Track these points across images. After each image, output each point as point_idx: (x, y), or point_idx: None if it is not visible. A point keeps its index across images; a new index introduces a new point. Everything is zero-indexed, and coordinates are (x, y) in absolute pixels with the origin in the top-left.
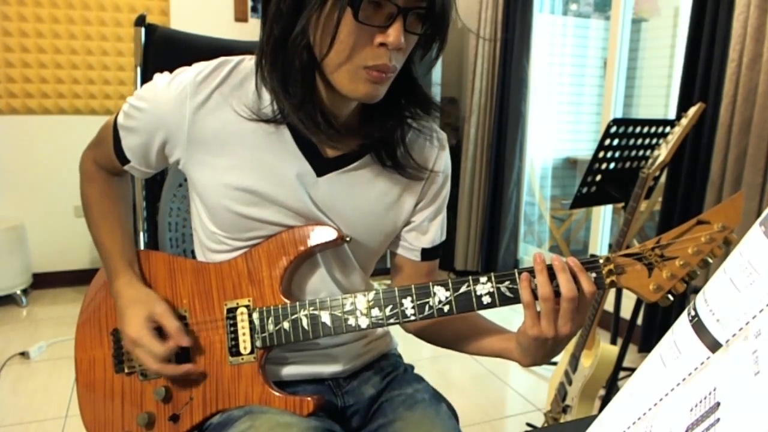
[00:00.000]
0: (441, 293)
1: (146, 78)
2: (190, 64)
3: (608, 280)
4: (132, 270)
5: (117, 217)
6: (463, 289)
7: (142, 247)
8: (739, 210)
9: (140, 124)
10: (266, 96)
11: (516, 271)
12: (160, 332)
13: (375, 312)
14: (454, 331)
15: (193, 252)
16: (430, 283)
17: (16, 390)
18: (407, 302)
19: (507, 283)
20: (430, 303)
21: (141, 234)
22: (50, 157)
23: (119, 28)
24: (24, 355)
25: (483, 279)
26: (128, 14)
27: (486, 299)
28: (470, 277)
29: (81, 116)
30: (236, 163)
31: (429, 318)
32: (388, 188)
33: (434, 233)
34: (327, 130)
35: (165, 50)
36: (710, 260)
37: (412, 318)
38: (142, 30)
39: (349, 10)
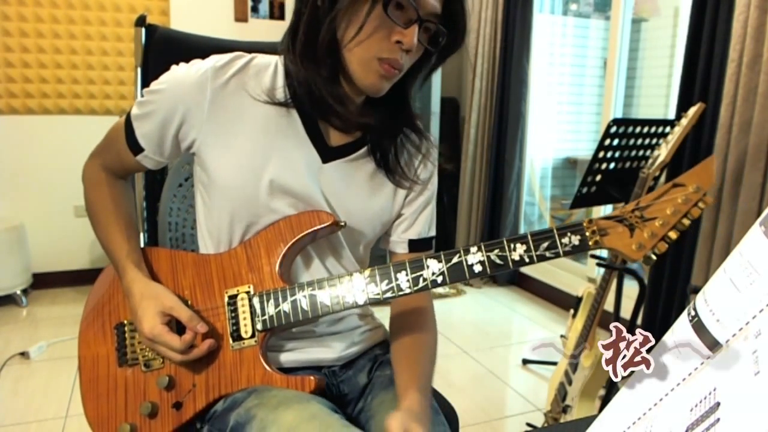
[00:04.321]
0: (434, 265)
1: (146, 78)
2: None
3: (592, 241)
4: (138, 268)
5: (124, 220)
6: (455, 259)
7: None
8: (711, 172)
9: (159, 106)
10: (280, 82)
11: (504, 240)
12: (175, 324)
13: (371, 288)
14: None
15: (193, 252)
16: (423, 256)
17: (16, 390)
18: (401, 276)
19: (497, 251)
20: (424, 275)
21: (141, 234)
22: (50, 157)
23: (119, 28)
24: (24, 355)
25: (473, 249)
26: (128, 14)
27: (477, 267)
28: (461, 248)
29: (81, 116)
30: (249, 144)
31: (424, 290)
32: (383, 182)
33: (421, 225)
34: (349, 106)
35: (165, 50)
36: (687, 221)
37: (407, 291)
38: (143, 30)
39: (380, 4)
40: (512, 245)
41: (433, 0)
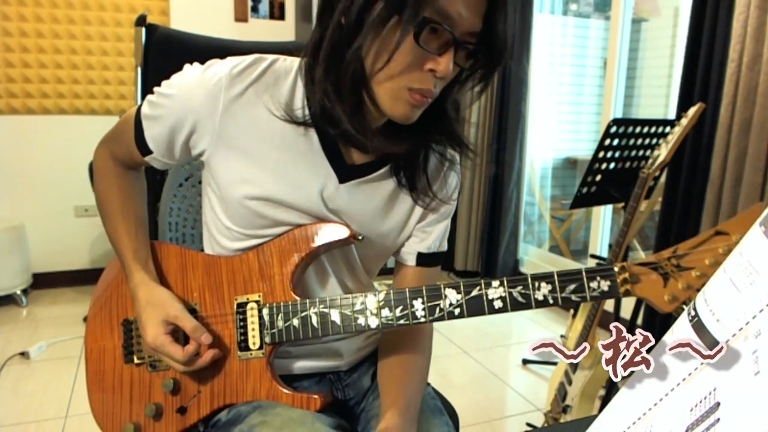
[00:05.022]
0: (452, 296)
1: (147, 78)
2: (190, 64)
3: (623, 289)
4: (146, 270)
5: (133, 214)
6: (475, 292)
7: None
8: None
9: (168, 112)
10: (299, 98)
11: (529, 276)
12: (180, 332)
13: (385, 312)
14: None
15: (203, 252)
16: (441, 285)
17: (16, 390)
18: (418, 304)
19: (519, 288)
20: (441, 305)
21: None
22: (50, 157)
23: (119, 28)
24: (24, 355)
25: (495, 283)
26: (128, 14)
27: (498, 303)
28: (482, 281)
29: (81, 116)
30: (261, 161)
31: (439, 320)
32: (402, 201)
33: (433, 239)
34: (374, 138)
35: (165, 50)
36: None
37: (422, 320)
38: (143, 30)
39: (411, 34)
40: (537, 284)
41: (470, 16)
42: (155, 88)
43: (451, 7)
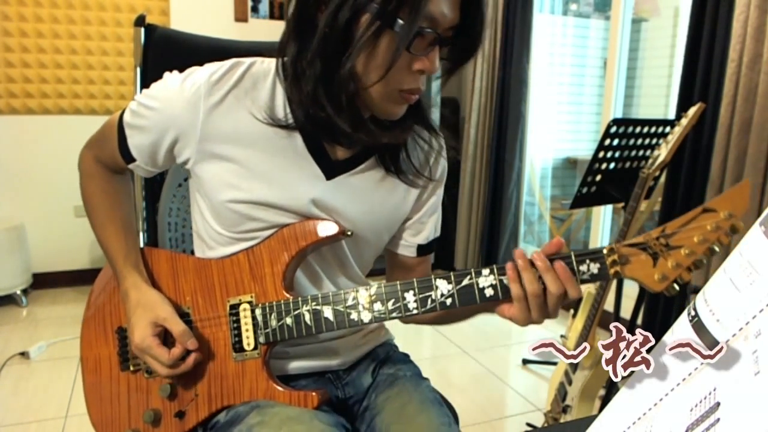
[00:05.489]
0: (443, 286)
1: (146, 78)
2: (190, 65)
3: (612, 271)
4: (137, 271)
5: (120, 217)
6: (465, 281)
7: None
8: (745, 197)
9: (150, 123)
10: (280, 99)
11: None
12: (167, 335)
13: (377, 306)
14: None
15: (192, 252)
16: (432, 277)
17: (16, 390)
18: (409, 296)
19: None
20: (433, 296)
21: (141, 234)
22: (50, 157)
23: (119, 28)
24: (24, 355)
25: (485, 271)
26: (128, 14)
27: (489, 291)
28: (472, 270)
29: (81, 116)
30: (246, 165)
31: (431, 311)
32: (392, 188)
33: (429, 230)
34: (366, 135)
35: (165, 50)
36: (717, 249)
37: (415, 312)
38: (142, 30)
39: (404, 44)
40: None
41: (449, 12)
42: (137, 96)
43: (436, 10)
